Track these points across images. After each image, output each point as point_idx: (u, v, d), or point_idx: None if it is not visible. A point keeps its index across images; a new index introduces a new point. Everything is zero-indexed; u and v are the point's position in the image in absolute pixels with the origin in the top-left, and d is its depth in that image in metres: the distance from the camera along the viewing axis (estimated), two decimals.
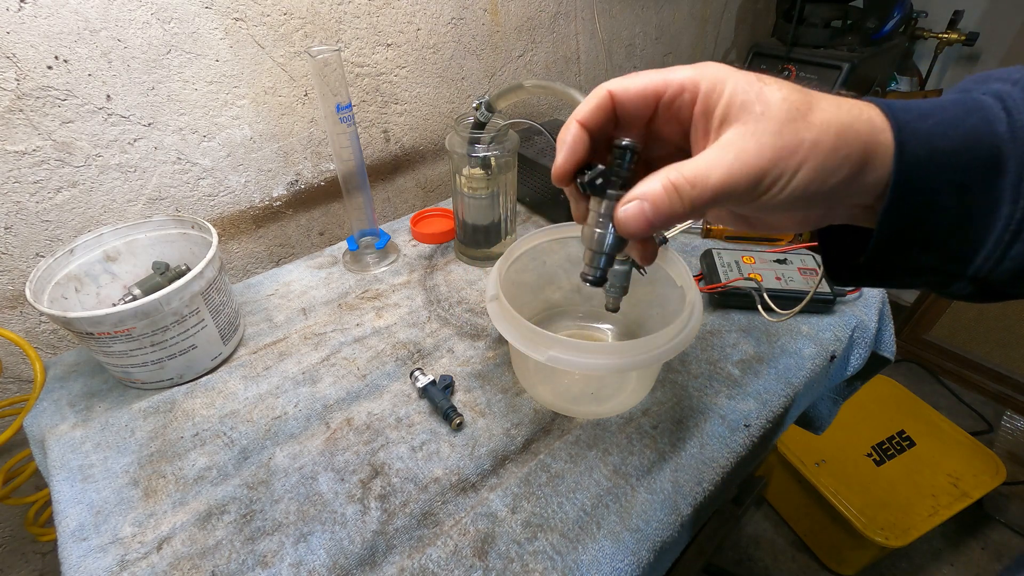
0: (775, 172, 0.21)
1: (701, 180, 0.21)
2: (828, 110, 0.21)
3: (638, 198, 0.22)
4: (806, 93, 0.22)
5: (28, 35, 0.51)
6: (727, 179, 0.21)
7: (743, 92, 0.22)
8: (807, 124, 0.21)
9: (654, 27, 1.19)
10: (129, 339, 0.47)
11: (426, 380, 0.51)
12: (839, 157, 0.21)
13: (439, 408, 0.49)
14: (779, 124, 0.21)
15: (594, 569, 0.38)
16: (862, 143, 0.21)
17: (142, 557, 0.40)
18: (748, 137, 0.21)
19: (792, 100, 0.21)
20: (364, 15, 0.73)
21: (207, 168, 0.68)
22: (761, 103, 0.21)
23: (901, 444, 1.15)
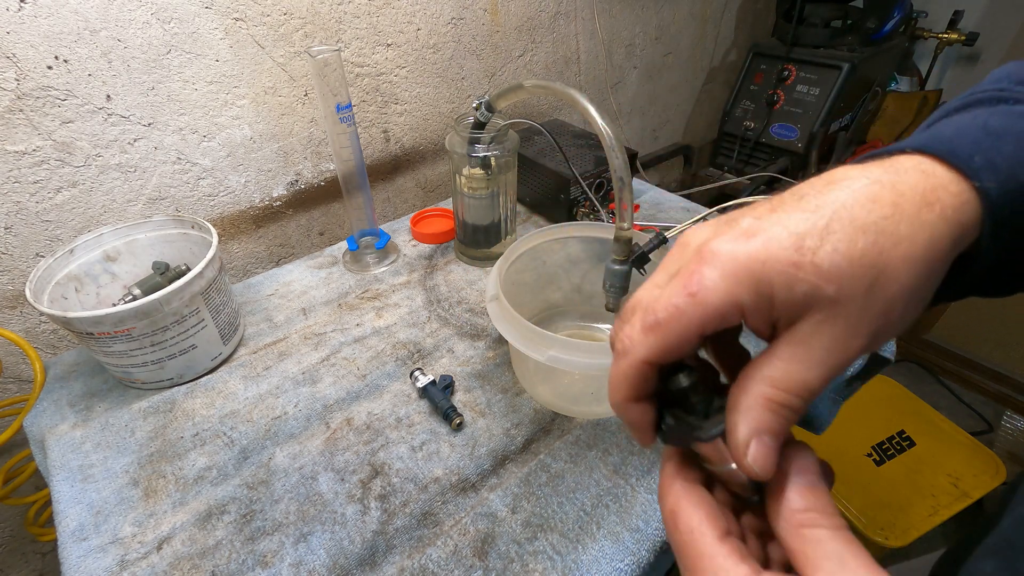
0: (880, 338, 0.19)
1: (803, 388, 0.18)
2: (905, 236, 0.18)
3: (755, 436, 0.19)
4: (866, 227, 0.18)
5: (28, 35, 0.51)
6: (830, 373, 0.18)
7: (797, 281, 0.18)
8: (890, 275, 0.18)
9: (654, 27, 1.19)
10: (129, 339, 0.47)
11: (426, 380, 0.51)
12: (935, 277, 0.19)
13: (439, 408, 0.49)
14: (862, 296, 0.18)
15: (594, 569, 0.38)
16: (952, 243, 0.18)
17: (142, 557, 0.40)
18: (832, 323, 0.18)
19: (859, 255, 0.17)
20: (364, 15, 0.73)
21: (207, 168, 0.68)
22: (829, 282, 0.17)
23: (901, 444, 1.15)
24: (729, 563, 0.18)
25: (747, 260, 0.18)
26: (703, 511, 0.20)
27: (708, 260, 0.19)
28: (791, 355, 0.19)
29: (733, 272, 0.18)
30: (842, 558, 0.16)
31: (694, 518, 0.20)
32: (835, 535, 0.17)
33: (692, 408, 0.21)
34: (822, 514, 0.18)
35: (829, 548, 0.17)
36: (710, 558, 0.19)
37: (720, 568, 0.18)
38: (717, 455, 0.21)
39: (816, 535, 0.17)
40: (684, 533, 0.20)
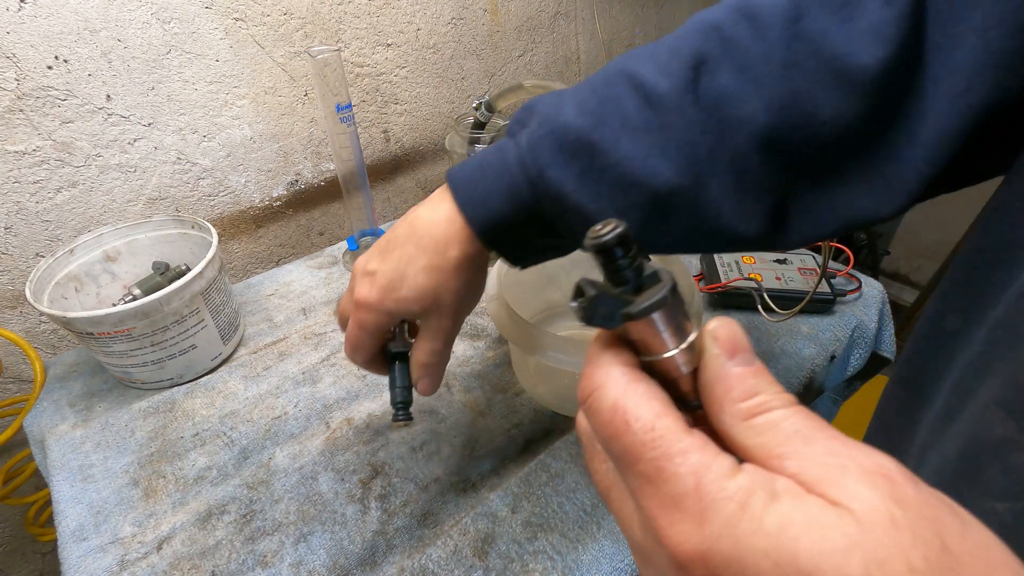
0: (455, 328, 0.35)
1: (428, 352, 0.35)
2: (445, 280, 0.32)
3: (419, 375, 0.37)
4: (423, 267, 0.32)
5: (28, 35, 0.51)
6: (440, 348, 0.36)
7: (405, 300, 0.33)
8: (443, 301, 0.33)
9: (654, 27, 1.19)
10: (129, 339, 0.47)
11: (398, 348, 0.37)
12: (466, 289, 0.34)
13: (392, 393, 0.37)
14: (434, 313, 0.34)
15: (594, 569, 0.38)
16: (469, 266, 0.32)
17: (142, 557, 0.40)
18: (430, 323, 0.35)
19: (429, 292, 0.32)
20: (364, 15, 0.73)
21: (207, 168, 0.68)
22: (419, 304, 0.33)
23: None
24: (708, 457, 0.14)
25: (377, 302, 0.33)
26: (658, 403, 0.15)
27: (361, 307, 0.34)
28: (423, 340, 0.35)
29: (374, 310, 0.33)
30: (806, 435, 0.14)
31: (649, 411, 0.15)
32: (789, 413, 0.14)
33: (621, 277, 0.16)
34: (768, 394, 0.15)
35: (788, 429, 0.14)
36: (682, 454, 0.14)
37: (700, 465, 0.14)
38: (649, 342, 0.16)
39: (771, 419, 0.14)
40: (640, 434, 0.15)
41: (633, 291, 0.16)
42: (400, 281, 0.31)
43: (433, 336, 0.34)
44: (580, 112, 0.27)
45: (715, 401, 0.15)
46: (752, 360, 0.16)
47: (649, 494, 0.14)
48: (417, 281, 0.31)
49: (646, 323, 0.16)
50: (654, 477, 0.14)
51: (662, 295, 0.15)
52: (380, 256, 0.32)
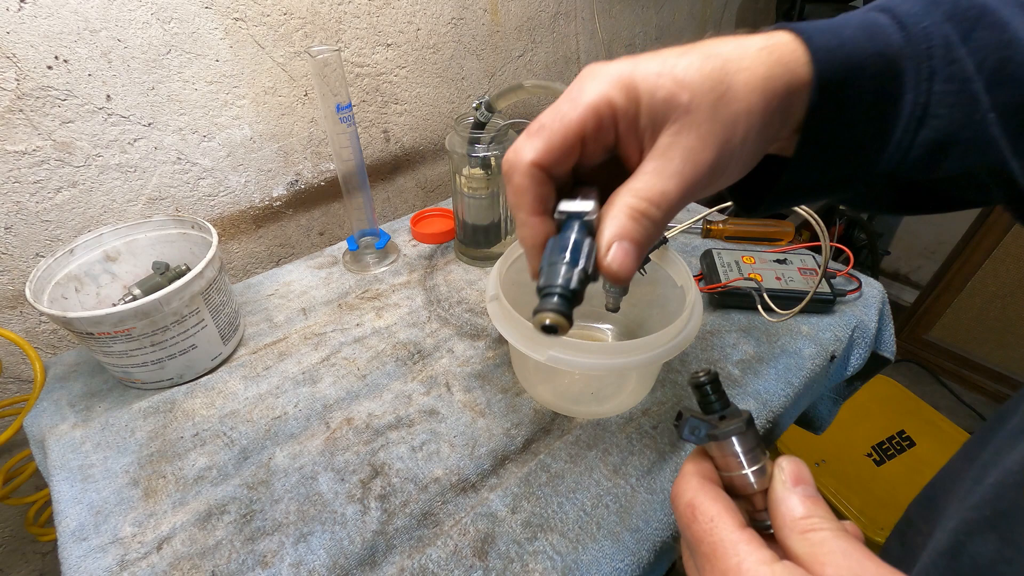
0: (725, 156, 0.21)
1: (662, 197, 0.21)
2: (747, 67, 0.21)
3: (616, 240, 0.21)
4: (716, 55, 0.21)
5: (28, 35, 0.51)
6: (686, 185, 0.21)
7: (659, 87, 0.21)
8: (734, 95, 0.20)
9: (654, 27, 1.19)
10: (129, 339, 0.47)
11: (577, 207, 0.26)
12: (771, 112, 0.21)
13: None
14: (709, 107, 0.20)
15: (594, 569, 0.38)
16: (785, 85, 0.21)
17: (142, 557, 0.40)
18: (687, 133, 0.21)
19: (709, 71, 0.21)
20: (364, 15, 0.73)
21: (207, 168, 0.68)
22: (683, 89, 0.20)
23: (901, 444, 1.15)
24: (750, 548, 0.19)
25: (620, 72, 0.21)
26: (721, 503, 0.21)
27: (589, 75, 0.22)
28: (652, 168, 0.21)
29: (607, 79, 0.21)
30: (846, 551, 0.18)
31: (712, 508, 0.21)
32: (837, 535, 0.19)
33: (710, 408, 0.23)
34: (823, 519, 0.19)
35: (834, 545, 0.18)
36: (732, 544, 0.19)
37: (742, 553, 0.19)
38: (728, 461, 0.22)
39: (820, 536, 0.19)
40: (703, 523, 0.21)
41: (719, 419, 0.22)
42: (676, 58, 0.21)
43: (677, 163, 0.21)
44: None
45: (778, 516, 0.20)
46: (813, 492, 0.21)
47: (707, 569, 0.20)
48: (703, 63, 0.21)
49: (725, 444, 0.22)
50: (710, 556, 0.20)
51: (738, 425, 0.22)
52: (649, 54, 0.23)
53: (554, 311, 0.20)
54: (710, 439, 0.22)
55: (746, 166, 0.23)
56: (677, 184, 0.21)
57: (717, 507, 0.21)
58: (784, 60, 0.21)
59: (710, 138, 0.20)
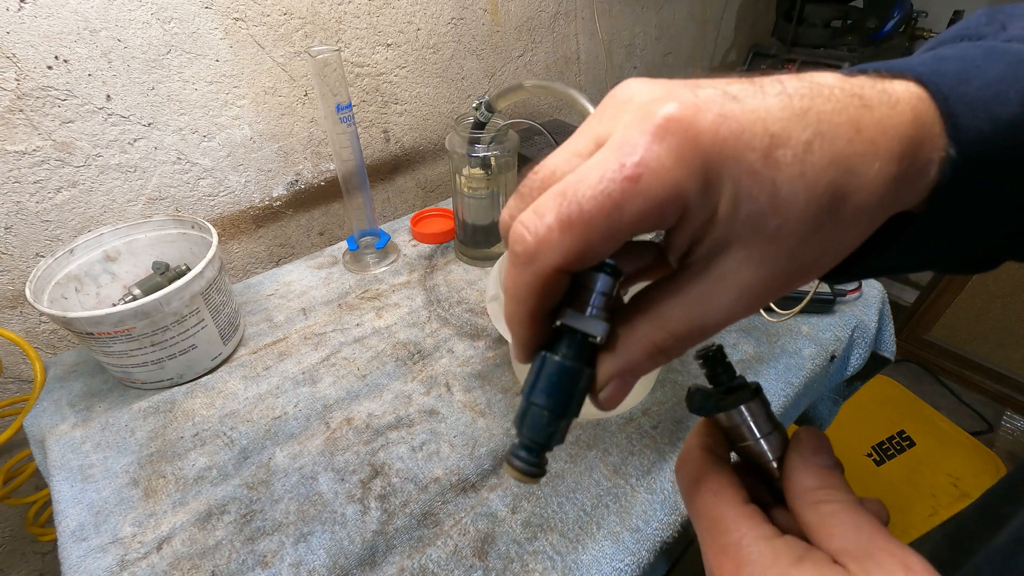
0: (791, 287, 0.16)
1: (697, 333, 0.16)
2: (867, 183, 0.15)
3: (620, 375, 0.17)
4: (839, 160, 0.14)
5: (28, 35, 0.51)
6: (731, 318, 0.16)
7: (751, 198, 0.14)
8: (837, 225, 0.15)
9: (654, 27, 1.19)
10: (129, 339, 0.47)
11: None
12: (878, 219, 0.16)
13: None
14: (798, 240, 0.15)
15: (594, 569, 0.38)
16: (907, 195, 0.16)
17: (142, 557, 0.40)
18: (758, 266, 0.15)
19: (823, 189, 0.14)
20: (364, 15, 0.73)
21: (207, 168, 0.68)
22: (777, 214, 0.14)
23: (901, 444, 1.15)
24: (752, 523, 0.18)
25: (712, 145, 0.14)
26: (724, 477, 0.20)
27: (661, 132, 0.14)
28: (697, 294, 0.16)
29: (688, 154, 0.14)
30: (857, 524, 0.17)
31: (715, 482, 0.20)
32: (848, 507, 0.18)
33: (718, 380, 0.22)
34: (837, 490, 0.18)
35: (844, 517, 0.17)
36: (732, 519, 0.19)
37: (743, 528, 0.18)
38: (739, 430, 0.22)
39: (831, 508, 0.18)
40: (705, 497, 0.20)
41: (726, 391, 0.22)
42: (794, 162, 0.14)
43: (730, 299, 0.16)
44: None
45: (792, 485, 0.19)
46: (830, 463, 0.19)
47: (708, 543, 0.19)
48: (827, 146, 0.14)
49: (735, 413, 0.21)
50: (711, 530, 0.19)
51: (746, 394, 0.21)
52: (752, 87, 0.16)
53: (527, 473, 0.18)
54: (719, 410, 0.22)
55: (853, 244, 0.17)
56: (719, 318, 0.16)
57: (720, 481, 0.20)
58: (922, 157, 0.15)
59: (784, 276, 0.16)
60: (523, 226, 0.16)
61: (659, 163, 0.14)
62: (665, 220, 0.15)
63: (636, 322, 0.17)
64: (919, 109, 0.16)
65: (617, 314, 0.18)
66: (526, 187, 0.17)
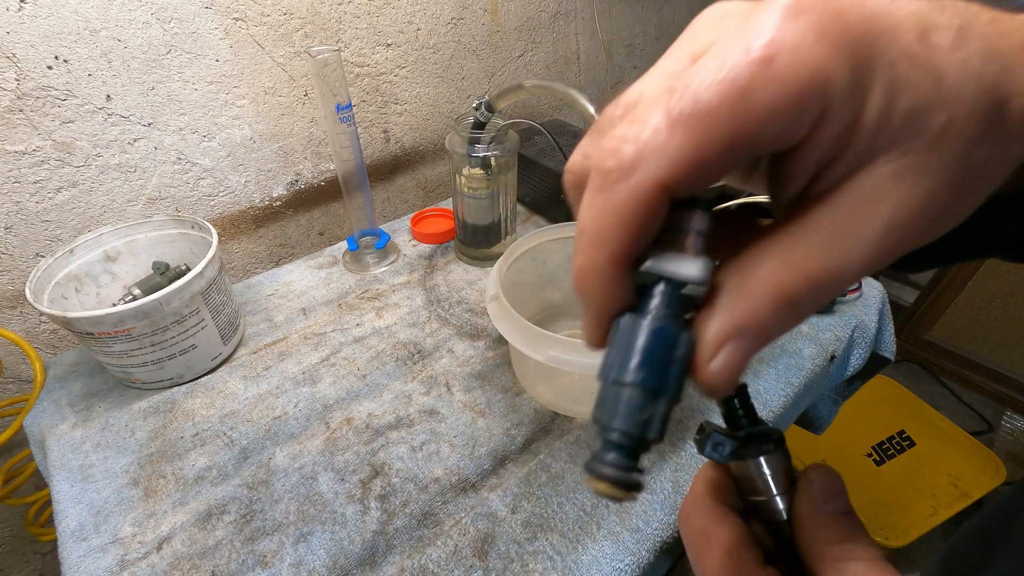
0: (954, 216, 0.13)
1: (835, 277, 0.12)
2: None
3: (737, 337, 0.13)
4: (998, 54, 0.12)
5: (28, 35, 0.51)
6: (876, 256, 0.12)
7: (912, 82, 0.11)
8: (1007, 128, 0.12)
9: (654, 27, 1.19)
10: (129, 339, 0.47)
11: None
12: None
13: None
14: (968, 144, 0.12)
15: (594, 569, 0.38)
16: None
17: (142, 557, 0.40)
18: (918, 179, 0.12)
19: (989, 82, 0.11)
20: (364, 15, 0.73)
21: (207, 168, 0.68)
22: (943, 107, 0.11)
23: (901, 444, 1.15)
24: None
25: (860, 20, 0.11)
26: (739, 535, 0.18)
27: (795, 7, 0.11)
28: (834, 225, 0.12)
29: (834, 32, 0.11)
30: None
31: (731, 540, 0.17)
32: (874, 566, 0.16)
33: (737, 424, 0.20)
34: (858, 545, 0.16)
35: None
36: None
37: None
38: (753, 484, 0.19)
39: (855, 568, 0.16)
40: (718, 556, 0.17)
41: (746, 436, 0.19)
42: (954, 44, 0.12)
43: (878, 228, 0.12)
44: None
45: (805, 538, 0.17)
46: (847, 508, 0.17)
47: None
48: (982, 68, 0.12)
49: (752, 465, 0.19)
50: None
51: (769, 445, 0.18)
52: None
53: (621, 482, 0.14)
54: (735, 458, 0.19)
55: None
56: (867, 254, 0.12)
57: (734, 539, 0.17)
58: None
59: (948, 194, 0.12)
60: (617, 140, 0.12)
61: (797, 40, 0.11)
62: (802, 122, 0.12)
63: (754, 262, 0.13)
64: None
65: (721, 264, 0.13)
66: (606, 119, 0.14)
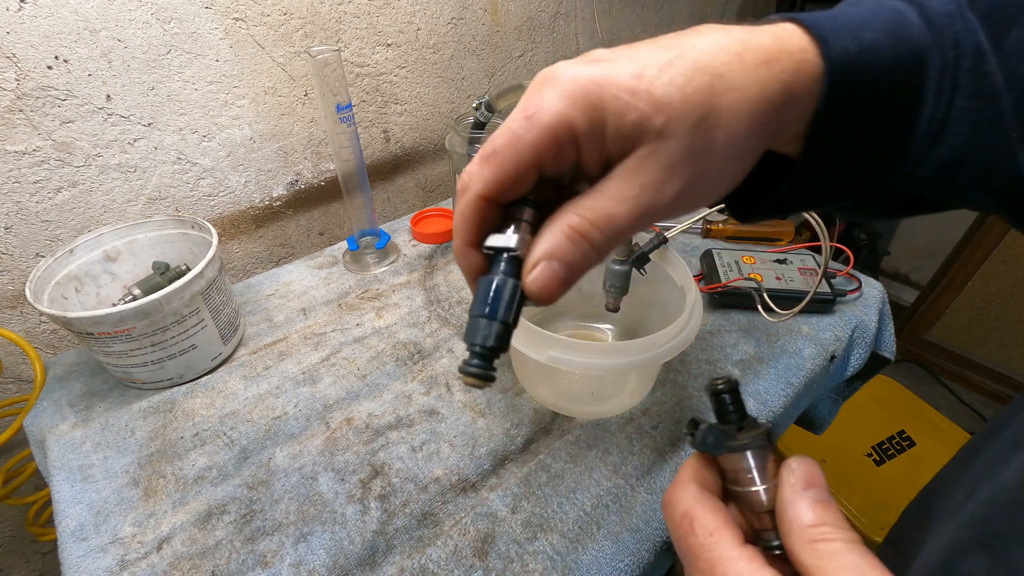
0: (697, 186, 0.19)
1: (608, 221, 0.18)
2: (738, 86, 0.18)
3: (545, 258, 0.19)
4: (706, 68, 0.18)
5: (28, 35, 0.51)
6: (639, 213, 0.18)
7: (630, 109, 0.18)
8: (716, 120, 0.18)
9: (654, 27, 1.19)
10: (129, 339, 0.47)
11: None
12: (760, 134, 0.19)
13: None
14: (686, 134, 0.18)
15: (594, 569, 0.38)
16: (782, 104, 0.18)
17: (142, 557, 0.40)
18: (654, 161, 0.18)
19: (692, 92, 0.17)
20: (364, 15, 0.73)
21: (207, 168, 0.68)
22: (659, 112, 0.17)
23: (901, 444, 1.15)
24: (752, 567, 0.18)
25: (586, 82, 0.18)
26: (721, 516, 0.19)
27: (548, 82, 0.19)
28: (606, 189, 0.19)
29: (570, 92, 0.18)
30: (858, 566, 0.16)
31: (712, 521, 0.19)
32: (850, 547, 0.17)
33: (727, 418, 0.21)
34: (835, 527, 0.18)
35: (845, 560, 0.17)
36: (731, 560, 0.18)
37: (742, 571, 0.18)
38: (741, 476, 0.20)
39: (831, 548, 0.17)
40: (701, 536, 0.19)
41: (736, 431, 0.21)
42: (658, 67, 0.18)
43: (634, 191, 0.18)
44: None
45: (786, 523, 0.18)
46: (825, 496, 0.19)
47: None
48: (689, 78, 0.18)
49: (740, 458, 0.20)
50: (707, 572, 0.18)
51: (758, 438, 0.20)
52: (626, 47, 0.20)
53: (474, 374, 0.20)
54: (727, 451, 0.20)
55: (729, 186, 0.20)
56: (629, 211, 0.18)
57: (717, 520, 0.19)
58: (788, 70, 0.18)
59: (680, 168, 0.18)
60: (465, 171, 0.21)
61: (548, 102, 0.18)
62: (563, 149, 0.19)
63: (558, 213, 0.19)
64: (783, 34, 0.19)
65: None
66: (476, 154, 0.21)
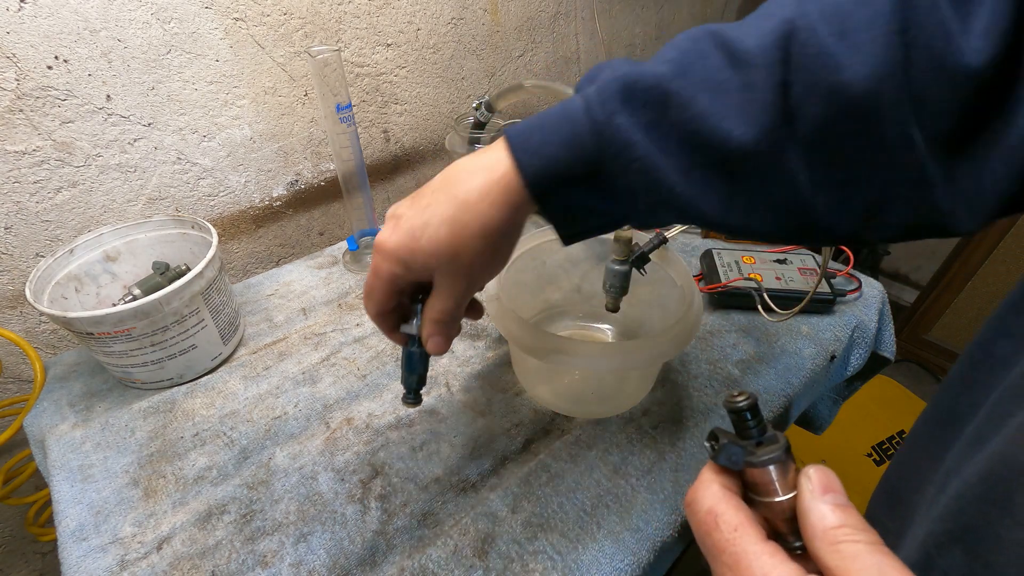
0: (473, 280, 0.31)
1: (443, 312, 0.32)
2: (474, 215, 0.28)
3: (428, 335, 0.33)
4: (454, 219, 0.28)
5: (28, 35, 0.51)
6: (455, 302, 0.32)
7: (420, 262, 0.30)
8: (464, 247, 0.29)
9: (654, 27, 1.19)
10: (129, 339, 0.47)
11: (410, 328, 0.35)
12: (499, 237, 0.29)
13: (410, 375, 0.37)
14: (449, 262, 0.29)
15: (594, 569, 0.38)
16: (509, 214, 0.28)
17: (142, 557, 0.40)
18: (442, 278, 0.31)
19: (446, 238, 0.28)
20: (364, 15, 0.73)
21: (207, 168, 0.68)
22: (431, 258, 0.29)
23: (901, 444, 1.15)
24: (775, 561, 0.18)
25: (393, 249, 0.29)
26: (744, 513, 0.20)
27: (378, 251, 0.30)
28: (435, 294, 0.32)
29: (389, 257, 0.30)
30: (880, 567, 0.17)
31: (735, 518, 0.20)
32: (872, 549, 0.17)
33: (747, 434, 0.22)
34: (856, 529, 0.18)
35: (868, 561, 0.17)
36: (756, 556, 0.18)
37: (767, 565, 0.18)
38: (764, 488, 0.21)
39: (853, 550, 0.17)
40: (725, 532, 0.20)
41: (755, 445, 0.22)
42: (421, 230, 0.29)
43: (445, 295, 0.31)
44: (658, 62, 0.26)
45: (808, 526, 0.19)
46: (844, 500, 0.19)
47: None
48: (438, 233, 0.28)
49: (762, 471, 0.21)
50: (733, 567, 0.19)
51: (778, 453, 0.21)
52: (411, 201, 0.30)
53: (409, 403, 0.37)
54: (747, 465, 0.21)
55: (500, 266, 0.32)
56: (448, 303, 0.31)
57: (740, 517, 0.20)
58: (499, 200, 0.28)
59: (458, 276, 0.30)
60: (364, 286, 0.33)
61: (380, 266, 0.31)
62: (398, 283, 0.31)
63: (425, 311, 0.33)
64: (500, 159, 0.28)
65: None
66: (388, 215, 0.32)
